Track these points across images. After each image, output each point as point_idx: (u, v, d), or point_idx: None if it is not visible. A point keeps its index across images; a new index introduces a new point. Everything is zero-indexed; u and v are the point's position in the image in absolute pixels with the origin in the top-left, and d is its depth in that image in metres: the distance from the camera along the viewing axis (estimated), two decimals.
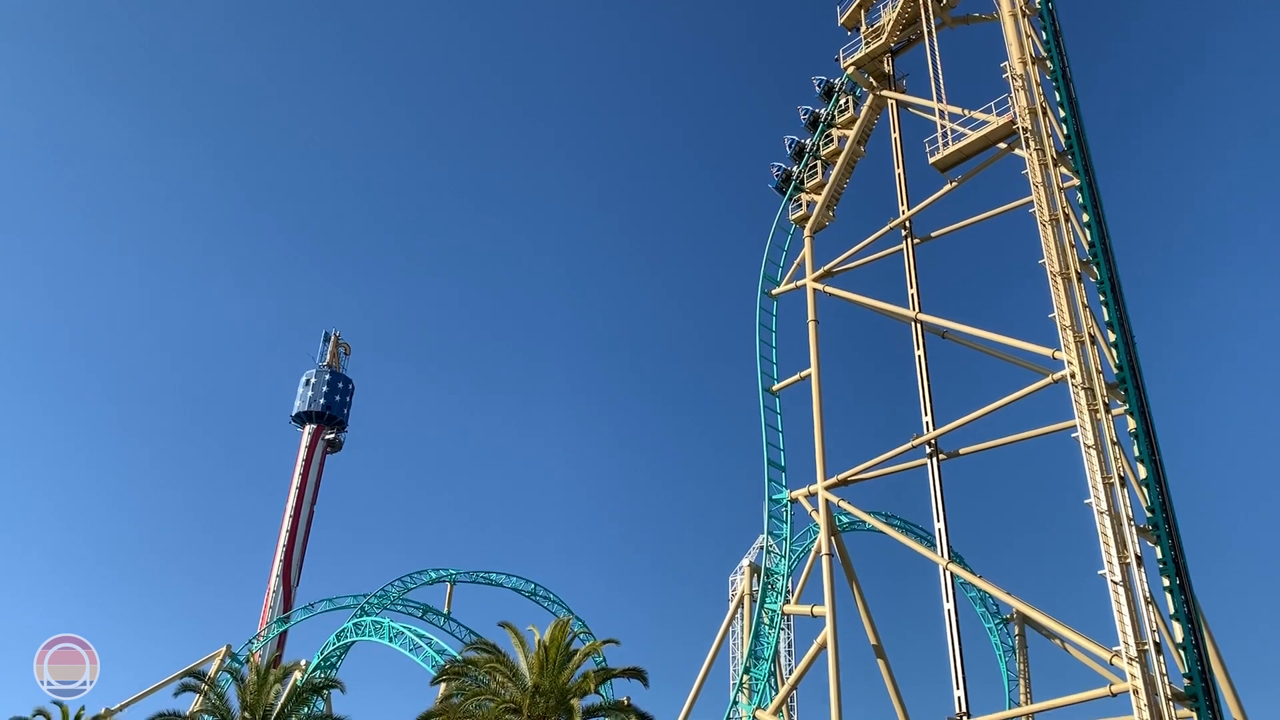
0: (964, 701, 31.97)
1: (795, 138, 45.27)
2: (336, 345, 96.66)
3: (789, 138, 45.37)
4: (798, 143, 45.11)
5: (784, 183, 44.88)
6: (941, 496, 35.38)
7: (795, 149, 45.12)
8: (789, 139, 45.34)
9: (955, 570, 34.19)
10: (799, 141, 45.13)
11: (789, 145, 45.37)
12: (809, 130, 45.19)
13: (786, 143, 45.43)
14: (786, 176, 44.75)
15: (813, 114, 45.14)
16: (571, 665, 29.81)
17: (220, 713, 32.25)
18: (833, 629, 34.31)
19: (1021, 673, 46.39)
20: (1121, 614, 26.40)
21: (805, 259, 42.36)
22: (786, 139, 45.40)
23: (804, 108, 45.44)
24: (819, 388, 39.25)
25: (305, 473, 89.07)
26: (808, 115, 45.24)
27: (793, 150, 45.24)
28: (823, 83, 45.25)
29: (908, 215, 39.87)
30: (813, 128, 45.05)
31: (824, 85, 45.19)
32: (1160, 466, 29.62)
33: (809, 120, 45.18)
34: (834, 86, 44.90)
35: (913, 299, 38.60)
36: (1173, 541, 28.37)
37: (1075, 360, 30.24)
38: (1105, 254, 32.44)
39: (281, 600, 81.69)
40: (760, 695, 37.33)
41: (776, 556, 38.82)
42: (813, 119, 45.09)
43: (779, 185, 45.08)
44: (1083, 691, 28.48)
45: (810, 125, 45.13)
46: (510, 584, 57.22)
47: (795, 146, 45.11)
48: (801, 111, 45.50)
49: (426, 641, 47.30)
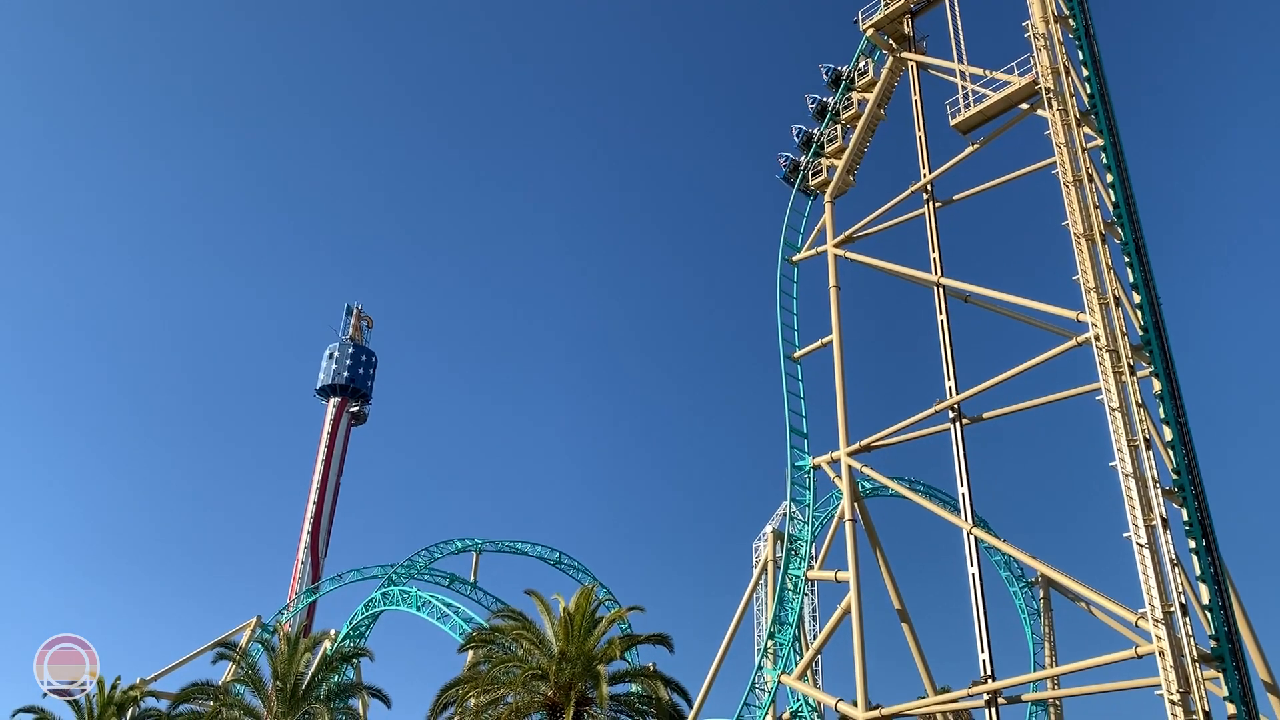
0: (989, 665, 32.03)
1: (817, 96, 44.68)
2: (359, 318, 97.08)
3: (810, 96, 44.82)
4: (819, 101, 44.50)
5: (791, 173, 44.10)
6: (965, 461, 35.27)
7: (816, 107, 44.50)
8: (810, 98, 44.80)
9: (979, 535, 34.15)
10: (820, 100, 44.48)
11: (810, 104, 44.73)
12: (830, 89, 44.72)
13: (808, 101, 44.84)
14: (795, 167, 43.96)
15: (835, 71, 44.55)
16: (597, 632, 30.05)
17: (252, 682, 32.75)
18: (856, 594, 34.41)
19: (1046, 636, 46.40)
20: (1147, 576, 26.34)
21: (826, 225, 42.08)
22: (808, 97, 44.90)
23: (825, 66, 44.81)
24: (841, 354, 39.14)
25: (330, 445, 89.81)
26: (829, 73, 44.63)
27: (814, 109, 44.67)
28: (830, 70, 44.66)
29: (929, 179, 39.51)
30: (834, 86, 44.62)
31: (831, 73, 44.66)
32: (1186, 429, 29.41)
33: (830, 78, 44.64)
34: (842, 75, 44.37)
35: (935, 263, 38.32)
36: (1199, 503, 28.21)
37: (1099, 323, 29.99)
38: (1130, 215, 32.06)
39: (310, 571, 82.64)
40: (785, 660, 37.56)
41: (799, 523, 38.91)
42: (834, 77, 44.55)
43: (786, 176, 44.37)
44: (1108, 654, 28.45)
45: (832, 83, 44.64)
46: (535, 553, 57.59)
47: (816, 105, 44.50)
48: (824, 70, 44.88)
49: (454, 610, 47.76)
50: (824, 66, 44.92)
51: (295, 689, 31.81)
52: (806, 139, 44.36)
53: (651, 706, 30.46)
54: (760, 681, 39.76)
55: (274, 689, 31.73)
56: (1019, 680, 33.55)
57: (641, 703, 30.71)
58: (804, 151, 44.41)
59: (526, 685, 29.03)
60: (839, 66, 44.56)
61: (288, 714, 31.33)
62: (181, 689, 34.13)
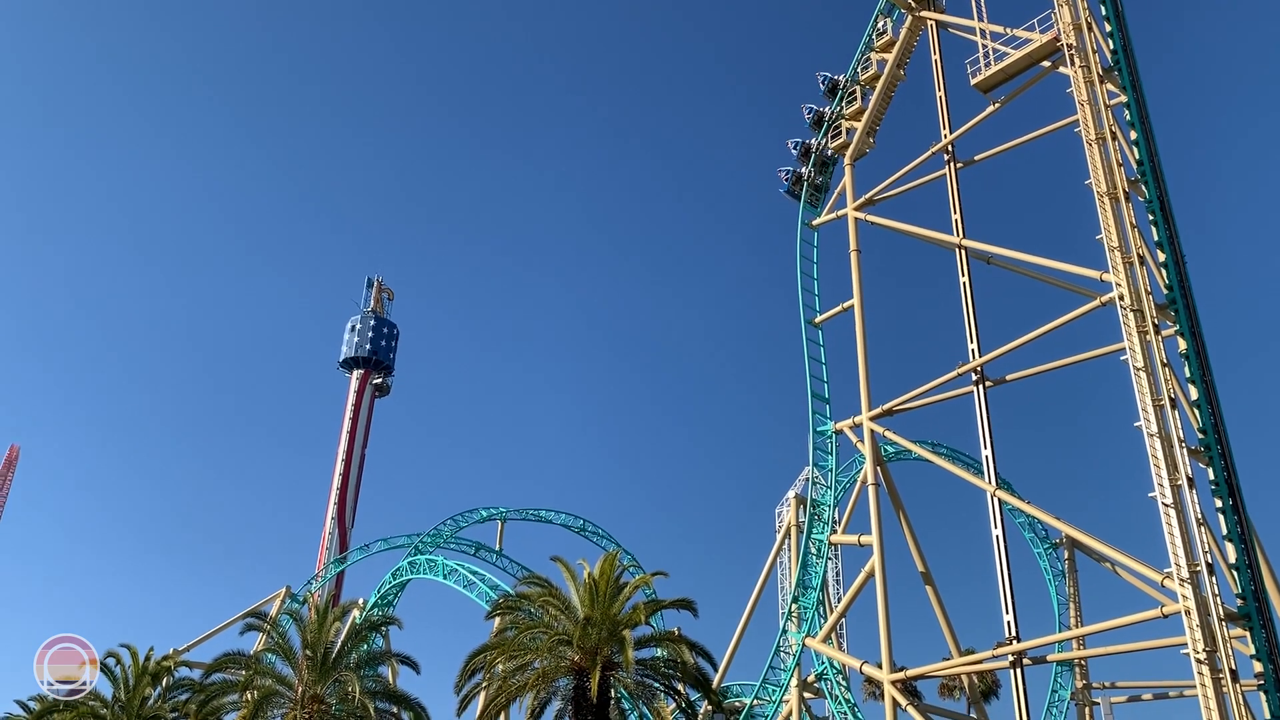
0: (1013, 626, 32.07)
1: (828, 74, 43.87)
2: (379, 290, 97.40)
3: (822, 74, 43.98)
4: (831, 79, 43.73)
5: (795, 184, 43.02)
6: (988, 423, 35.15)
7: (828, 86, 43.74)
8: (821, 75, 43.98)
9: (1003, 497, 34.08)
10: (833, 78, 43.70)
11: (823, 82, 43.90)
12: (827, 98, 43.74)
13: (820, 79, 43.99)
14: (797, 179, 42.91)
15: (831, 81, 43.55)
16: (622, 597, 30.23)
17: (283, 651, 33.14)
18: (880, 557, 34.48)
19: (1071, 597, 46.32)
20: (1173, 536, 26.25)
21: (846, 188, 41.76)
22: (819, 75, 44.09)
23: (823, 74, 43.86)
24: (862, 318, 38.99)
25: (355, 417, 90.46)
26: (826, 82, 43.69)
27: (826, 88, 43.91)
28: (827, 79, 43.69)
29: (950, 139, 39.10)
30: (831, 95, 43.67)
31: (828, 82, 43.67)
32: (1212, 387, 29.18)
33: (827, 88, 43.68)
34: (839, 84, 43.37)
35: (956, 224, 38.01)
36: (1225, 462, 28.05)
37: (1124, 282, 29.72)
38: (1154, 172, 31.65)
39: (337, 542, 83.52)
40: (809, 623, 37.74)
41: (822, 488, 38.94)
42: (831, 86, 43.57)
43: (790, 189, 43.32)
44: (1134, 614, 28.43)
45: (829, 93, 43.69)
46: (560, 521, 57.90)
47: (828, 83, 43.75)
48: (820, 79, 43.87)
49: (480, 578, 48.18)
50: (821, 75, 43.91)
51: (325, 657, 32.18)
52: (833, 86, 43.55)
53: (677, 670, 30.65)
54: (785, 645, 39.99)
55: (304, 658, 32.11)
56: (1044, 641, 33.54)
57: (667, 666, 30.91)
58: (830, 99, 43.61)
59: (553, 650, 29.27)
60: (835, 76, 43.57)
61: (318, 682, 31.72)
62: (214, 659, 34.61)
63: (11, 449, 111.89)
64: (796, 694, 38.31)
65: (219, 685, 33.17)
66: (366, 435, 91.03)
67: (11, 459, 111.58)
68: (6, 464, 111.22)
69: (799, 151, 43.85)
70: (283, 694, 31.72)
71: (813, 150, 43.44)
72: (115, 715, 37.22)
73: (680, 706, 32.03)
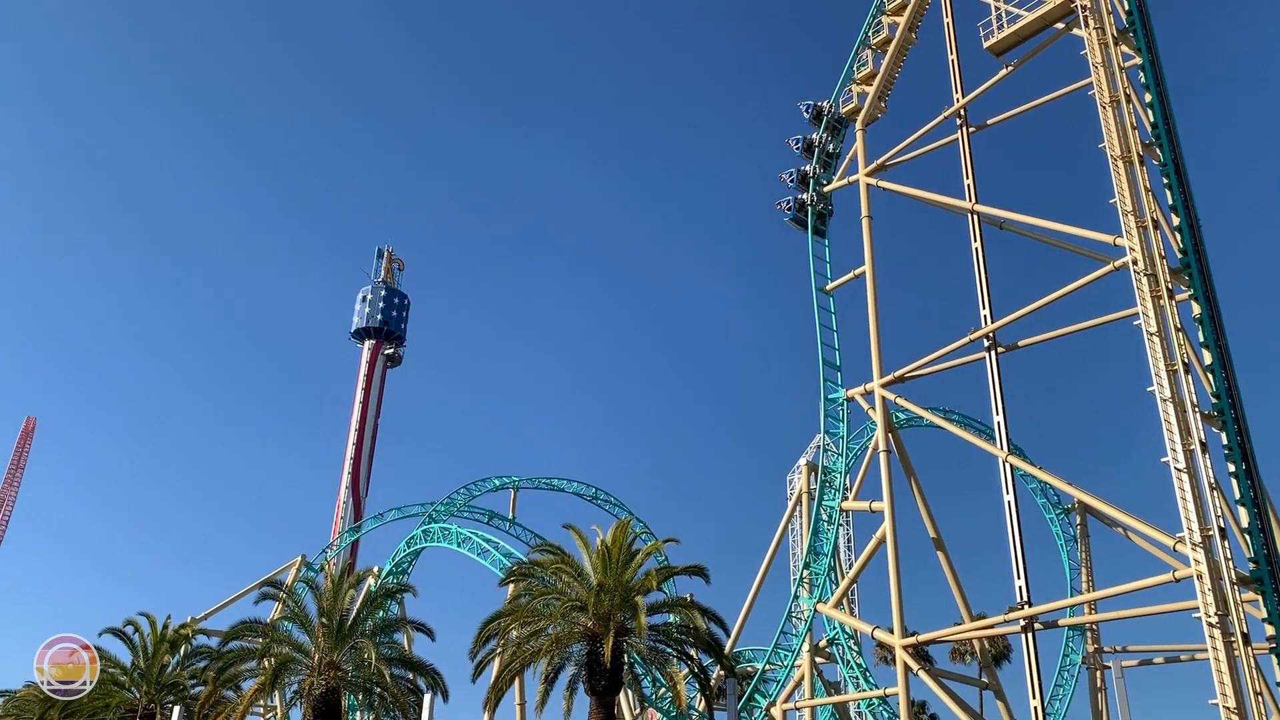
0: (1025, 591, 32.14)
1: (812, 101, 43.08)
2: (390, 261, 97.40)
3: (805, 103, 43.31)
4: (816, 105, 43.00)
5: (800, 210, 42.04)
6: (1000, 389, 35.05)
7: (813, 113, 42.98)
8: (805, 104, 43.33)
9: (1015, 462, 34.04)
10: (817, 104, 42.94)
11: (807, 110, 43.11)
12: (813, 124, 43.18)
13: (804, 108, 43.22)
14: (801, 205, 42.01)
15: (815, 107, 42.95)
16: (634, 564, 30.38)
17: (299, 619, 33.43)
18: (891, 523, 34.55)
19: (1084, 561, 46.37)
20: (1185, 500, 26.22)
21: (857, 153, 41.46)
22: (802, 104, 43.45)
23: (805, 103, 43.39)
24: (874, 285, 38.82)
25: (367, 387, 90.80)
26: (810, 110, 43.02)
27: (810, 115, 43.19)
28: (811, 106, 43.30)
29: (962, 103, 38.72)
30: (816, 121, 43.12)
31: (812, 110, 43.34)
32: (1226, 352, 29.02)
33: (811, 114, 43.11)
34: (823, 110, 42.94)
35: (969, 189, 37.71)
36: (1239, 426, 27.96)
37: (1137, 246, 29.52)
38: (1168, 135, 31.33)
39: (351, 511, 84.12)
40: (821, 589, 37.92)
41: (834, 455, 38.98)
42: (815, 113, 43.03)
43: (795, 216, 42.39)
44: (1145, 578, 28.46)
45: (814, 119, 43.12)
46: (572, 489, 58.07)
47: (812, 110, 42.98)
48: (803, 108, 43.30)
49: (494, 546, 48.45)
50: (803, 104, 43.37)
51: (341, 625, 32.46)
52: (807, 144, 42.75)
53: (689, 636, 30.85)
54: (797, 611, 40.22)
55: (320, 625, 32.39)
56: (1055, 605, 33.61)
57: (679, 632, 31.11)
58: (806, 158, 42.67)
59: (566, 617, 29.48)
60: (819, 102, 43.11)
61: (335, 649, 32.02)
62: (231, 627, 34.96)
63: (27, 421, 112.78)
64: (808, 659, 38.56)
65: (236, 653, 33.52)
66: (379, 405, 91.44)
67: (28, 431, 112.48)
68: (23, 436, 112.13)
69: (796, 178, 43.10)
70: (299, 661, 32.05)
71: (810, 177, 42.66)
72: (134, 682, 37.77)
73: (693, 671, 32.28)
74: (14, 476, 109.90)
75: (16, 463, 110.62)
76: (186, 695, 36.99)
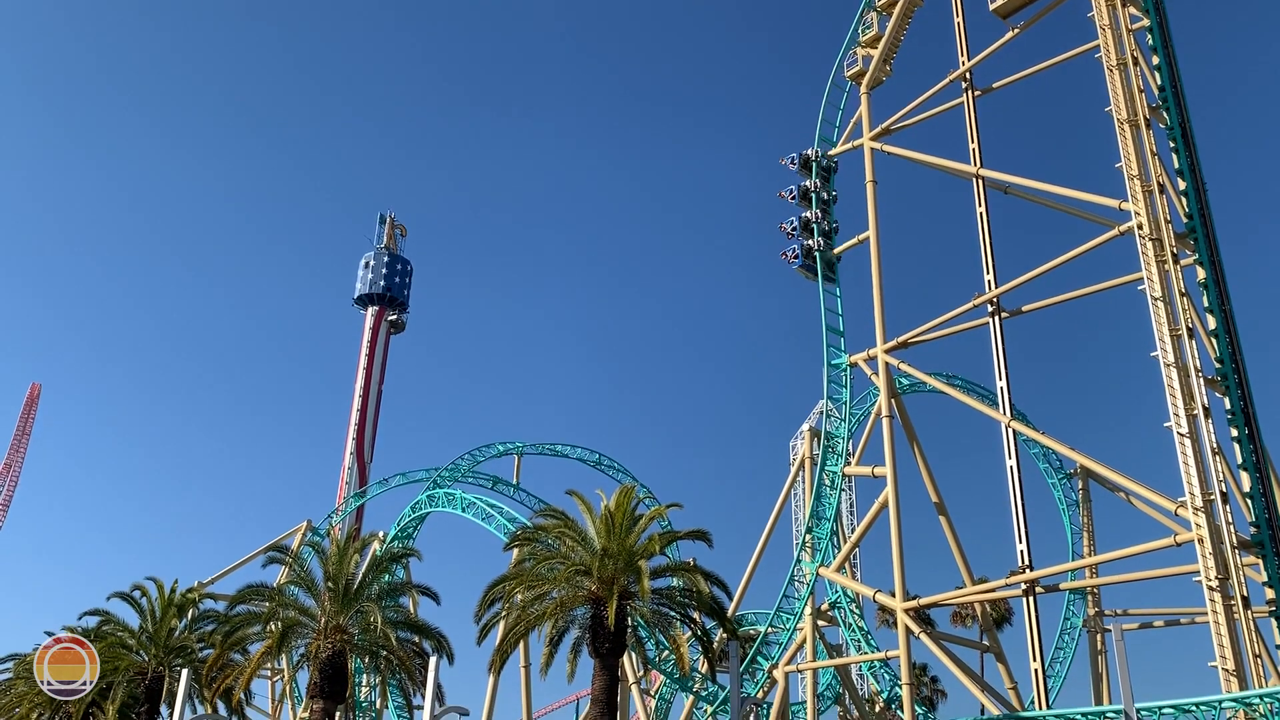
0: (1026, 555, 32.32)
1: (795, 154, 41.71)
2: (392, 227, 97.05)
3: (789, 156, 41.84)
4: (803, 154, 41.61)
5: (807, 256, 40.02)
6: (1004, 355, 35.07)
7: (800, 161, 41.54)
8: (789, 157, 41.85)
9: (1018, 427, 34.13)
10: (804, 153, 41.58)
11: (791, 163, 41.51)
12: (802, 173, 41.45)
13: (789, 160, 41.64)
14: (808, 252, 40.03)
15: (802, 156, 41.43)
16: (637, 529, 30.49)
17: (305, 583, 33.61)
18: (894, 488, 34.69)
19: (1085, 526, 46.50)
20: (1188, 465, 26.31)
21: (862, 117, 41.18)
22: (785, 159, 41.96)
23: (789, 156, 41.90)
24: (877, 251, 38.72)
25: (371, 354, 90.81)
26: (797, 159, 41.48)
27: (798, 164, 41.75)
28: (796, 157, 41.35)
29: (968, 66, 38.43)
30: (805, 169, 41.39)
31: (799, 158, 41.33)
32: (1230, 317, 29.00)
33: (800, 163, 41.51)
34: (810, 158, 41.20)
35: (974, 154, 37.52)
36: (1242, 391, 28.00)
37: (1143, 210, 29.41)
38: (1176, 98, 31.12)
39: (356, 476, 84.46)
40: (823, 554, 38.13)
41: (837, 420, 39.04)
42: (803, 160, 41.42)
43: (804, 264, 40.11)
44: (1147, 542, 28.60)
45: (803, 167, 41.42)
46: (576, 455, 58.20)
47: (799, 159, 41.58)
48: (787, 160, 41.73)
49: (498, 511, 48.63)
50: (786, 159, 41.81)
51: (347, 589, 32.66)
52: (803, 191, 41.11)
53: (692, 599, 31.05)
54: (799, 574, 40.44)
55: (326, 589, 32.58)
56: (1057, 569, 33.83)
57: (683, 596, 31.31)
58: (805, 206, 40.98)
59: (570, 581, 29.64)
60: (805, 151, 41.56)
61: (341, 612, 32.23)
62: (238, 591, 35.16)
63: (33, 387, 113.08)
64: (810, 622, 38.83)
65: (244, 616, 33.74)
66: (383, 371, 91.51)
67: (33, 398, 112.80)
68: (28, 403, 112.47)
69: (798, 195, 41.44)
70: (306, 624, 32.27)
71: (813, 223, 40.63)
72: (143, 645, 38.10)
73: (695, 634, 32.53)
74: (20, 443, 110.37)
75: (22, 429, 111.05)
76: (194, 658, 37.27)
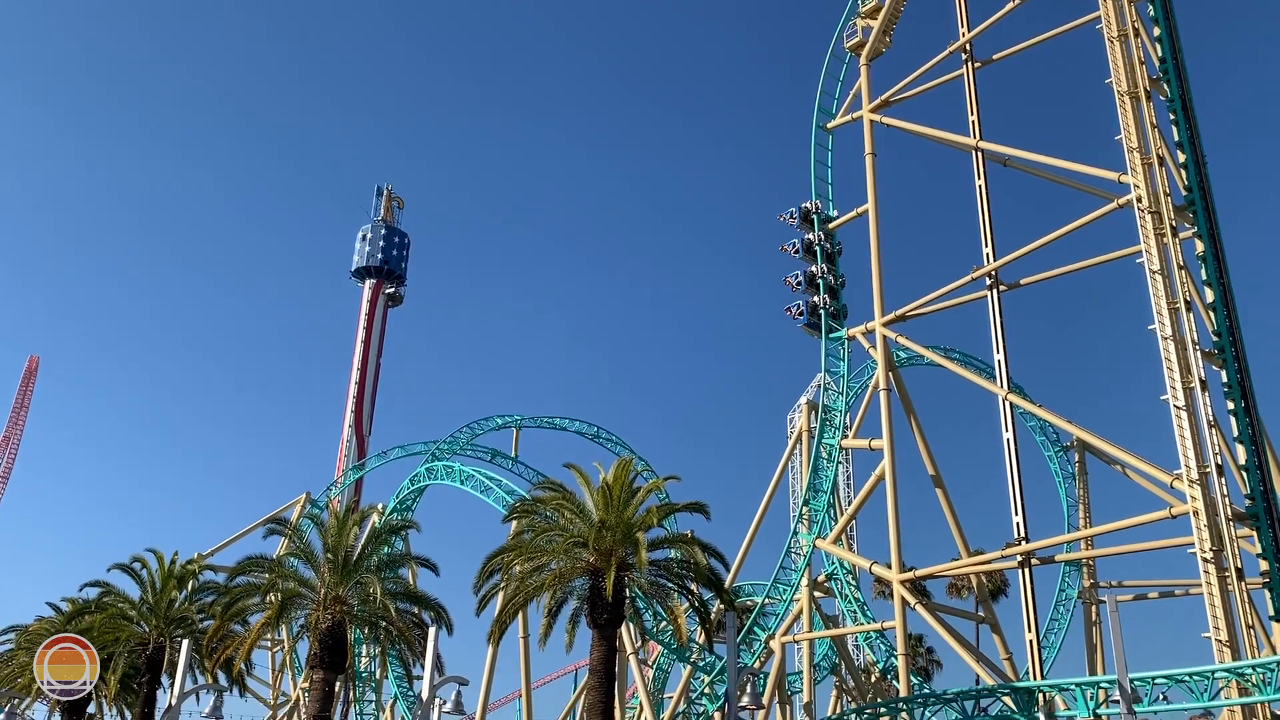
0: (1023, 527, 32.47)
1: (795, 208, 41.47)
2: (390, 199, 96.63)
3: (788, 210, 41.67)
4: (803, 207, 41.33)
5: (812, 314, 39.79)
6: (1001, 328, 35.08)
7: (801, 214, 41.24)
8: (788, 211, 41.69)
9: (1015, 400, 34.20)
10: (804, 206, 41.27)
11: (790, 218, 41.29)
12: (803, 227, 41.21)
13: (787, 215, 41.38)
14: (813, 309, 39.78)
15: (803, 209, 40.97)
16: (635, 501, 30.55)
17: (305, 555, 33.68)
18: (891, 461, 34.81)
19: (1081, 498, 46.68)
20: (1184, 437, 26.41)
21: (861, 89, 40.99)
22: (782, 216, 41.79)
23: (789, 211, 41.63)
24: (876, 223, 38.66)
25: (369, 327, 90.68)
26: (797, 213, 41.16)
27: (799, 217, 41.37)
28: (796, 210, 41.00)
29: (968, 38, 38.21)
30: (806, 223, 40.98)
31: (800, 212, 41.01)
32: (1228, 290, 29.01)
33: (800, 215, 41.11)
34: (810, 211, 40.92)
35: (973, 126, 37.38)
36: (1239, 364, 28.07)
37: (1142, 183, 29.34)
38: (1176, 70, 30.98)
39: (355, 449, 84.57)
40: (820, 525, 38.31)
41: (834, 393, 39.11)
42: (804, 214, 41.01)
43: (810, 321, 39.94)
44: (1142, 515, 28.74)
45: (803, 220, 41.02)
46: (574, 428, 58.27)
47: (800, 213, 41.27)
48: (786, 216, 41.36)
49: (496, 483, 48.76)
50: (784, 215, 41.50)
51: (346, 560, 32.74)
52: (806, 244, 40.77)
53: (690, 571, 31.17)
54: (796, 546, 40.67)
55: (325, 561, 32.67)
56: (1052, 541, 34.03)
57: (680, 567, 31.43)
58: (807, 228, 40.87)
59: (569, 552, 29.74)
60: (803, 204, 41.39)
61: (340, 584, 32.34)
62: (238, 562, 35.21)
63: (30, 360, 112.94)
64: (807, 593, 39.07)
65: (243, 588, 33.83)
66: (381, 344, 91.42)
67: (31, 370, 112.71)
68: (26, 376, 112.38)
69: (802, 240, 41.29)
70: (305, 595, 32.37)
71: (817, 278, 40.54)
72: (143, 616, 38.24)
73: (693, 605, 32.69)
74: (18, 416, 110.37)
75: (20, 402, 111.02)
76: (195, 629, 37.41)
